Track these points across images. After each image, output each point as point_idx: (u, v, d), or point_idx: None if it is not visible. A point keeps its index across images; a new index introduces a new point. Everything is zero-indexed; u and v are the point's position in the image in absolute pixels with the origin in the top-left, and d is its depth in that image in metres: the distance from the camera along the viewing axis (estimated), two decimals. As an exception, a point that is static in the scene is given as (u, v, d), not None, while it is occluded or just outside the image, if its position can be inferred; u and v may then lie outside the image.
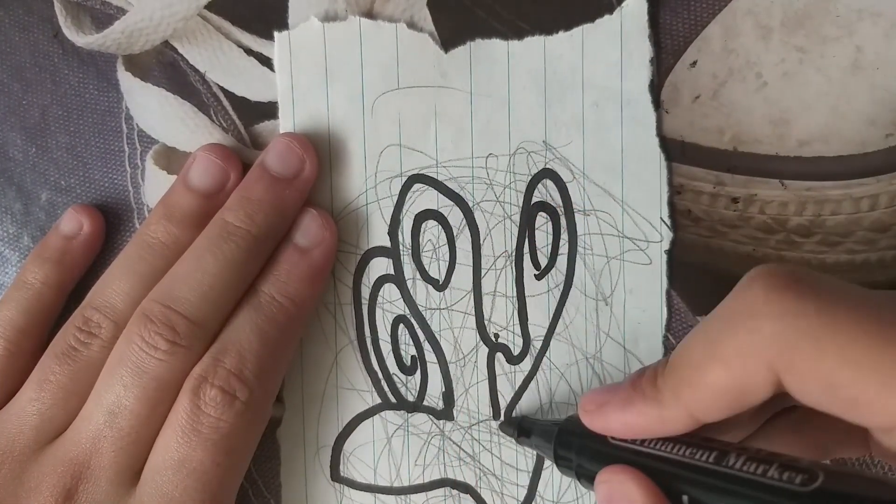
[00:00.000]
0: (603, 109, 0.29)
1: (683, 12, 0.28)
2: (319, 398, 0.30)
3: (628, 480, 0.21)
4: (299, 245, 0.28)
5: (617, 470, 0.22)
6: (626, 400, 0.22)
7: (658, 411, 0.21)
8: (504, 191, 0.29)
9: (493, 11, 0.28)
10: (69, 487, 0.25)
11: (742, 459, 0.19)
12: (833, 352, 0.17)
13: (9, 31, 0.30)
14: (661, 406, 0.21)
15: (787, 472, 0.18)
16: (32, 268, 0.28)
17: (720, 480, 0.19)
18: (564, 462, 0.25)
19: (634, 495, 0.21)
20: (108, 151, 0.30)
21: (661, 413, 0.21)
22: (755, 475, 0.18)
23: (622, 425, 0.22)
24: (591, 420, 0.23)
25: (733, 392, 0.19)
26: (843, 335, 0.17)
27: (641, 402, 0.22)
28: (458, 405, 0.30)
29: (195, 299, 0.25)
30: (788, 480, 0.18)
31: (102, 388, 0.25)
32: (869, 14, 0.28)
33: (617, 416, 0.22)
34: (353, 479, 0.30)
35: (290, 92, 0.29)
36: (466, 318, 0.29)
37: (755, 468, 0.19)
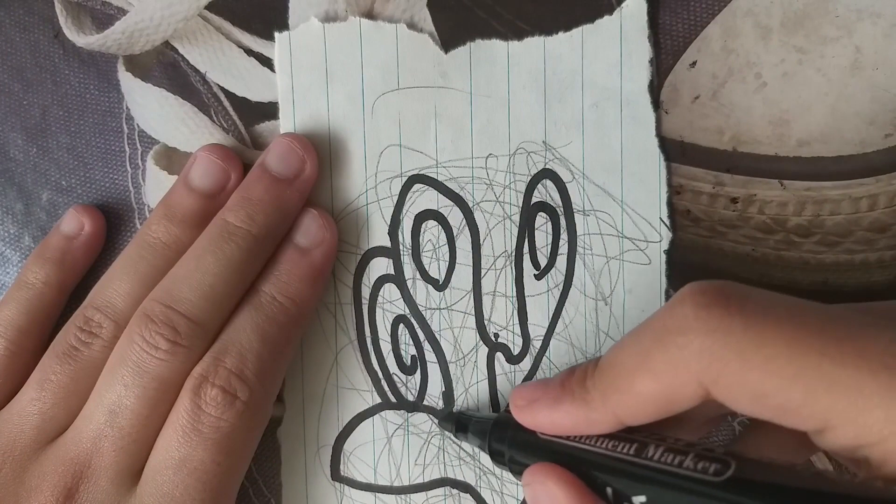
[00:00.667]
0: (603, 110, 0.29)
1: (683, 13, 0.28)
2: (320, 398, 0.30)
3: (550, 480, 0.22)
4: (300, 245, 0.28)
5: (539, 470, 0.22)
6: (555, 399, 0.23)
7: (585, 412, 0.22)
8: (504, 191, 0.29)
9: (493, 12, 0.28)
10: (70, 487, 0.25)
11: (660, 451, 0.20)
12: (758, 365, 0.18)
13: (9, 31, 0.30)
14: (588, 407, 0.22)
15: (701, 463, 0.19)
16: (33, 268, 0.28)
17: (639, 471, 0.20)
18: (498, 456, 0.25)
19: (557, 495, 0.21)
20: (108, 152, 0.30)
21: (588, 414, 0.22)
22: (671, 466, 0.19)
23: (550, 423, 0.23)
24: (520, 415, 0.24)
25: (660, 400, 0.20)
26: (767, 348, 0.18)
27: (570, 402, 0.22)
28: (459, 405, 0.30)
29: (196, 299, 0.25)
30: (702, 470, 0.19)
31: (103, 387, 0.25)
32: (868, 14, 0.28)
33: (545, 413, 0.23)
34: (354, 479, 0.30)
35: (290, 92, 0.29)
36: (466, 317, 0.30)
37: (671, 459, 0.20)
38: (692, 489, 0.19)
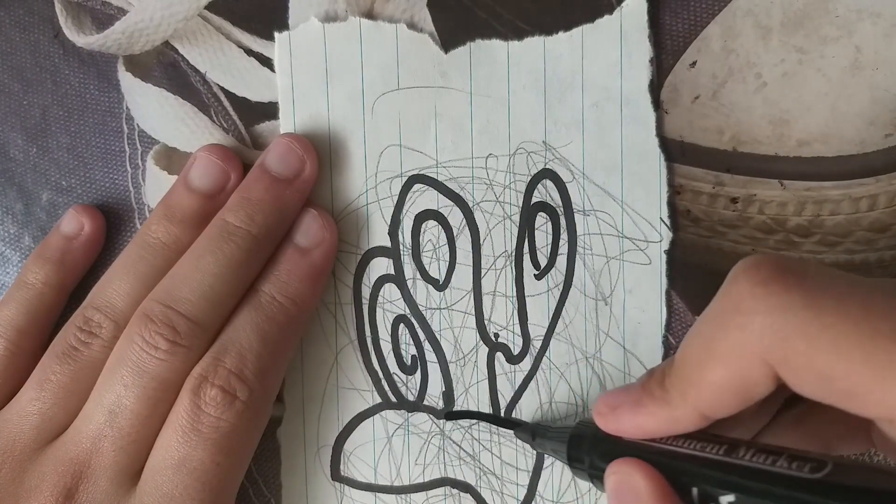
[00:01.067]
0: (603, 110, 0.29)
1: (683, 13, 0.28)
2: (320, 398, 0.30)
3: (635, 472, 0.21)
4: (300, 245, 0.28)
5: (624, 462, 0.22)
6: (637, 402, 0.22)
7: (668, 412, 0.21)
8: (504, 191, 0.29)
9: (494, 12, 0.28)
10: (70, 487, 0.25)
11: (751, 452, 0.19)
12: (824, 346, 0.17)
13: (9, 31, 0.30)
14: (670, 406, 0.21)
15: (796, 462, 0.18)
16: (33, 268, 0.28)
17: (729, 472, 0.19)
18: (578, 464, 0.25)
19: (640, 486, 0.21)
20: (108, 152, 0.30)
21: (671, 413, 0.21)
22: (764, 465, 0.19)
23: (635, 427, 0.22)
24: (604, 422, 0.23)
25: (736, 388, 0.19)
26: (832, 329, 0.17)
27: (651, 403, 0.22)
28: (459, 405, 0.30)
29: (196, 299, 0.25)
30: (797, 469, 0.18)
31: (103, 387, 0.25)
32: (868, 14, 0.28)
33: (629, 418, 0.23)
34: (354, 479, 0.30)
35: (290, 92, 0.29)
36: (466, 317, 0.30)
37: (764, 458, 0.19)
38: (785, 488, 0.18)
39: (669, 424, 0.22)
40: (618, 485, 0.22)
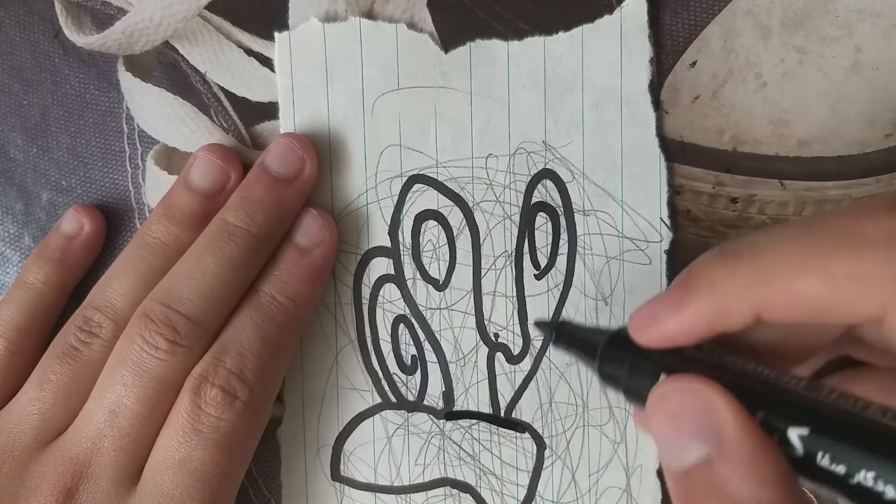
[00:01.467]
0: (603, 110, 0.29)
1: (683, 13, 0.28)
2: (320, 398, 0.30)
3: (710, 391, 0.18)
4: (300, 245, 0.28)
5: (692, 379, 0.18)
6: (678, 301, 0.20)
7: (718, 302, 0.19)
8: (504, 191, 0.29)
9: (493, 12, 0.28)
10: (70, 487, 0.25)
11: (837, 393, 0.17)
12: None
13: (9, 31, 0.30)
14: (723, 297, 0.19)
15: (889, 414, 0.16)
16: (33, 268, 0.28)
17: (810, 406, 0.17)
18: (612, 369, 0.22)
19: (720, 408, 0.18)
20: (108, 152, 0.30)
21: (721, 304, 0.19)
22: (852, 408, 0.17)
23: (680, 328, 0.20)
24: (643, 335, 0.20)
25: (821, 307, 0.18)
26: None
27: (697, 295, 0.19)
28: (459, 405, 0.30)
29: (196, 299, 0.25)
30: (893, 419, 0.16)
31: (103, 387, 0.25)
32: (868, 14, 0.28)
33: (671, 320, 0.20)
34: (354, 479, 0.30)
35: (290, 92, 0.29)
36: (466, 317, 0.30)
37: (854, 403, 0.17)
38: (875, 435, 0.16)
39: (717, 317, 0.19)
40: (679, 407, 0.18)
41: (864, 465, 0.16)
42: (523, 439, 0.30)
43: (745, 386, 0.18)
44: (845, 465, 0.16)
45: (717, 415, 0.18)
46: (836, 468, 0.16)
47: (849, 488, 0.16)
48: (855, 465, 0.16)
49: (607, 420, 0.30)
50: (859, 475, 0.16)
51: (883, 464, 0.16)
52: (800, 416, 0.17)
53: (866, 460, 0.16)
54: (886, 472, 0.16)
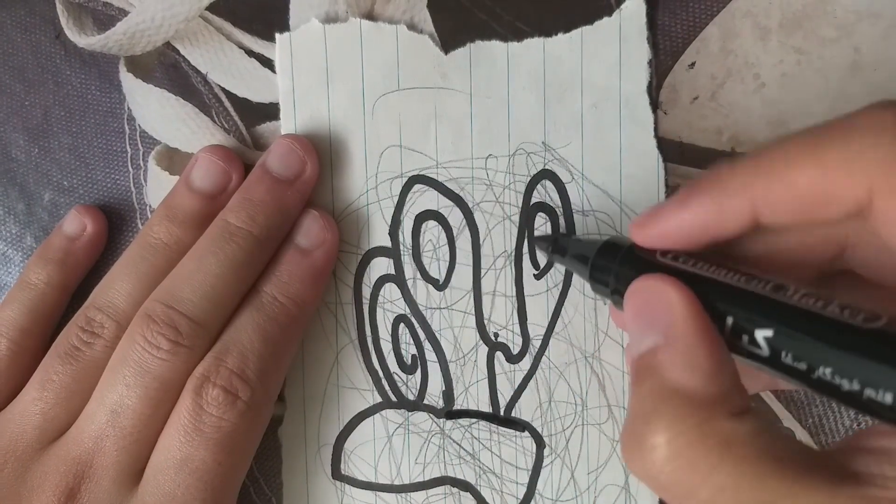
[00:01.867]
0: (602, 111, 0.29)
1: (682, 14, 0.28)
2: (320, 397, 0.30)
3: (668, 287, 0.19)
4: (301, 246, 0.28)
5: (654, 277, 0.20)
6: (682, 200, 0.20)
7: (718, 200, 0.20)
8: (503, 191, 0.29)
9: (493, 13, 0.29)
10: (72, 486, 0.25)
11: (800, 293, 0.18)
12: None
13: (11, 32, 0.30)
14: (723, 195, 0.20)
15: (848, 310, 0.17)
16: (36, 268, 0.29)
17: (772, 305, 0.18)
18: (600, 283, 0.23)
19: (673, 302, 0.19)
20: (110, 152, 0.30)
21: (721, 203, 0.20)
22: (813, 307, 0.17)
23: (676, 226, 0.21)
24: (641, 231, 0.22)
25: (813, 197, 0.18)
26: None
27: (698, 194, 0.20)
28: (458, 404, 0.30)
29: (197, 300, 0.26)
30: (850, 316, 0.17)
31: (105, 387, 0.25)
32: (867, 15, 0.28)
33: (671, 215, 0.21)
34: (354, 478, 0.30)
35: (291, 93, 0.29)
36: (466, 317, 0.30)
37: (813, 302, 0.18)
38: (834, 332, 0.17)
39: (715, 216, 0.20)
40: (644, 301, 0.20)
41: (822, 362, 0.17)
42: (523, 438, 0.30)
43: (716, 291, 0.19)
44: (806, 362, 0.17)
45: (669, 309, 0.19)
46: (798, 365, 0.17)
47: (811, 382, 0.17)
48: (814, 361, 0.17)
49: (606, 419, 0.30)
50: (818, 371, 0.17)
51: (839, 357, 0.17)
52: (765, 318, 0.18)
53: (824, 356, 0.17)
54: (842, 365, 0.16)
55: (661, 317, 0.19)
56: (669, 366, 0.19)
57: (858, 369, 0.16)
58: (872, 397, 0.16)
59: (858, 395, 0.16)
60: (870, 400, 0.16)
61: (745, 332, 0.19)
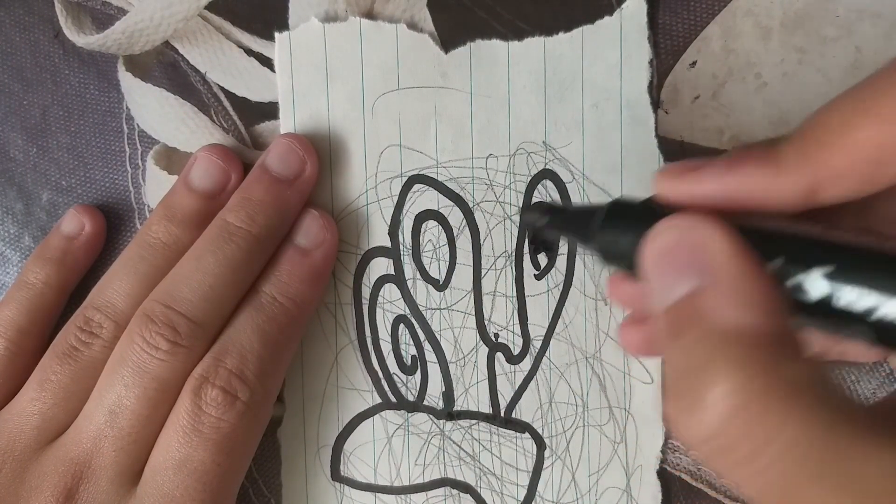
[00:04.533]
0: (602, 110, 0.29)
1: (683, 13, 0.28)
2: (320, 398, 0.30)
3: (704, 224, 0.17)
4: (300, 246, 0.28)
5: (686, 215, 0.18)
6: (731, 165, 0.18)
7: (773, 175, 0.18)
8: (504, 191, 0.29)
9: (494, 12, 0.28)
10: (70, 487, 0.25)
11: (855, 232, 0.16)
12: None
13: (9, 31, 0.30)
14: (778, 169, 0.18)
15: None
16: (34, 268, 0.28)
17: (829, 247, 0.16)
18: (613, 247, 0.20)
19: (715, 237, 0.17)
20: (108, 152, 0.30)
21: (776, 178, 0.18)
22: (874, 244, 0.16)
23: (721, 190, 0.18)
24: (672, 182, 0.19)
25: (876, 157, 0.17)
26: None
27: (752, 164, 0.18)
28: (458, 405, 0.30)
29: (196, 300, 0.25)
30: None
31: (103, 387, 0.25)
32: (869, 14, 0.28)
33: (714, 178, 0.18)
34: (354, 479, 0.30)
35: (290, 92, 0.29)
36: (466, 317, 0.30)
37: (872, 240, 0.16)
38: None
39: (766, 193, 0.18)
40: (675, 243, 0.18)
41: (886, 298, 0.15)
42: (523, 439, 0.30)
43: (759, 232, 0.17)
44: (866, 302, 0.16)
45: (709, 247, 0.17)
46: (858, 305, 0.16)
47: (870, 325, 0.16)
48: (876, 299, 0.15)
49: (607, 420, 0.30)
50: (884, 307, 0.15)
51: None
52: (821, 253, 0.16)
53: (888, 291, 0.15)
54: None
55: (699, 257, 0.17)
56: (718, 308, 0.16)
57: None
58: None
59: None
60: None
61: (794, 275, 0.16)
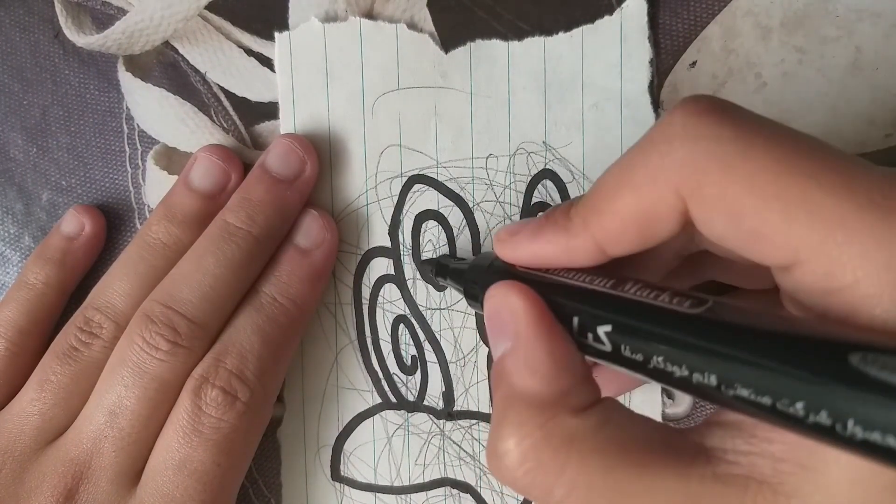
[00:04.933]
0: (602, 110, 0.29)
1: (683, 13, 0.28)
2: (320, 398, 0.30)
3: (511, 293, 0.20)
4: (300, 246, 0.28)
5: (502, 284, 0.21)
6: (537, 229, 0.21)
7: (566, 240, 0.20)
8: (504, 191, 0.29)
9: (494, 12, 0.28)
10: (70, 487, 0.25)
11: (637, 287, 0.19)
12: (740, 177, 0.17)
13: (9, 31, 0.30)
14: (568, 234, 0.20)
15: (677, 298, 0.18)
16: (34, 268, 0.28)
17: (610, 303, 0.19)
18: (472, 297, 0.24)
19: (516, 306, 0.20)
20: (108, 151, 0.30)
21: (569, 241, 0.20)
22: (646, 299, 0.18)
23: (530, 254, 0.22)
24: (501, 248, 0.22)
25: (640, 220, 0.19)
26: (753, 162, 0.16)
27: (551, 230, 0.21)
28: (459, 405, 0.30)
29: (196, 300, 0.25)
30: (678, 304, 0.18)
31: (103, 388, 0.25)
32: (868, 14, 0.28)
33: (526, 244, 0.22)
34: (354, 479, 0.30)
35: (290, 92, 0.29)
36: (466, 317, 0.30)
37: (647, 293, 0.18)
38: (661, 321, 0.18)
39: (564, 253, 0.21)
40: (494, 307, 0.21)
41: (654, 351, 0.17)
42: (523, 439, 0.30)
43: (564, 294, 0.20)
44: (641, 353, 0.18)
45: (515, 314, 0.20)
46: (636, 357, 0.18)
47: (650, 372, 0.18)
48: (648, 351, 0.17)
49: (607, 420, 0.30)
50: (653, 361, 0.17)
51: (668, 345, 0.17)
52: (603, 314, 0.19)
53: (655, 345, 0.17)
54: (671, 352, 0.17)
55: (509, 323, 0.20)
56: (513, 371, 0.19)
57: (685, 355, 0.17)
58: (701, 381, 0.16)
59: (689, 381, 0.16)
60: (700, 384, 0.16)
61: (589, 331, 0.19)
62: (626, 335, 0.18)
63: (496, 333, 0.21)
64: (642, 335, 0.18)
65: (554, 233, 0.21)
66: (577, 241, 0.20)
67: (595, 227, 0.20)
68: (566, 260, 0.21)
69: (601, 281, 0.20)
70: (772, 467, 0.17)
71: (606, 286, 0.19)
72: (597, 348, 0.19)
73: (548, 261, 0.21)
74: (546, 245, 0.21)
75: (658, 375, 0.17)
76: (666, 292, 0.18)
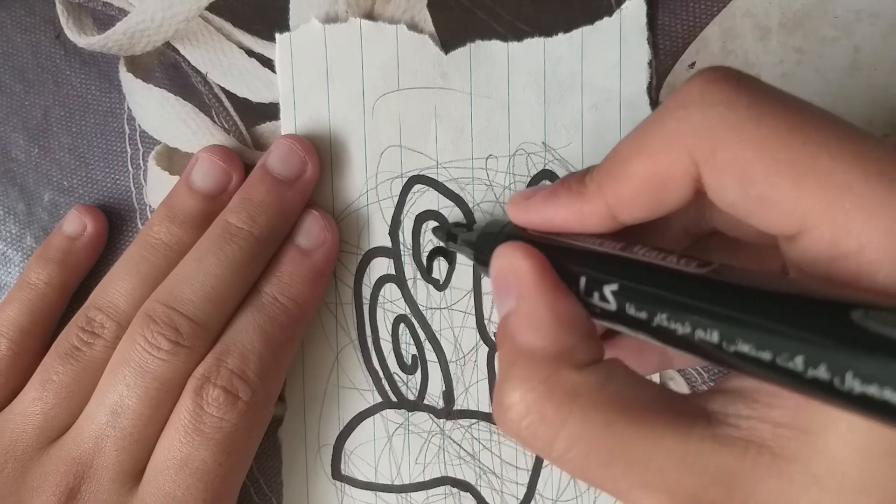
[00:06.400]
0: (602, 111, 0.29)
1: (682, 13, 0.28)
2: (321, 397, 0.30)
3: (517, 254, 0.21)
4: (301, 246, 0.28)
5: (508, 245, 0.21)
6: (551, 194, 0.22)
7: (579, 204, 0.21)
8: (504, 192, 0.29)
9: (493, 13, 0.29)
10: (72, 486, 0.25)
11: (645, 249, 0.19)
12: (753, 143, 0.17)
13: (11, 32, 0.30)
14: (582, 199, 0.21)
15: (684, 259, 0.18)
16: (36, 268, 0.29)
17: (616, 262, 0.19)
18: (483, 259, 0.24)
19: (520, 266, 0.20)
20: (110, 152, 0.30)
21: (582, 206, 0.21)
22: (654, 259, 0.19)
23: (542, 218, 0.22)
24: (515, 211, 0.23)
25: (654, 185, 0.19)
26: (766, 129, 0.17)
27: (565, 195, 0.21)
28: (459, 404, 0.30)
29: (198, 300, 0.26)
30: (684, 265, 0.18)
31: (105, 387, 0.25)
32: (867, 15, 0.28)
33: (540, 207, 0.22)
34: (354, 478, 0.30)
35: (291, 93, 0.29)
36: (467, 317, 0.30)
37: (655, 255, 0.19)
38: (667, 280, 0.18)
39: (577, 217, 0.21)
40: (499, 268, 0.21)
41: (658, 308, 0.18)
42: (523, 438, 0.30)
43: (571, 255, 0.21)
44: (646, 311, 0.18)
45: (519, 274, 0.20)
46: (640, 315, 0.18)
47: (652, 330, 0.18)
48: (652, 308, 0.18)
49: (607, 419, 0.30)
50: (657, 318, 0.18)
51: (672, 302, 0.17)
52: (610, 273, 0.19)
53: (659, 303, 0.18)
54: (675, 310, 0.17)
55: (513, 282, 0.20)
56: (517, 328, 0.20)
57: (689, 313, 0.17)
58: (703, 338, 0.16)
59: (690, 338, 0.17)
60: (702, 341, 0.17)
61: (595, 290, 0.19)
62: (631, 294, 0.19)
63: (501, 293, 0.21)
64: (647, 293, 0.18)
65: (568, 197, 0.21)
66: (591, 206, 0.20)
67: (609, 191, 0.20)
68: (578, 225, 0.21)
69: (610, 244, 0.20)
70: (772, 432, 0.17)
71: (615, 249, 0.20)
72: (602, 307, 0.19)
73: (560, 225, 0.22)
74: (560, 209, 0.21)
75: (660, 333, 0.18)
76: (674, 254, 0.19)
